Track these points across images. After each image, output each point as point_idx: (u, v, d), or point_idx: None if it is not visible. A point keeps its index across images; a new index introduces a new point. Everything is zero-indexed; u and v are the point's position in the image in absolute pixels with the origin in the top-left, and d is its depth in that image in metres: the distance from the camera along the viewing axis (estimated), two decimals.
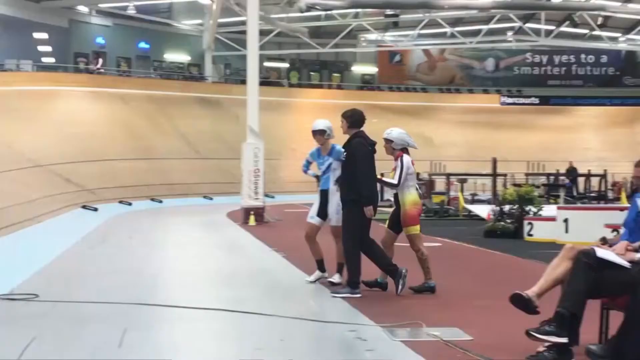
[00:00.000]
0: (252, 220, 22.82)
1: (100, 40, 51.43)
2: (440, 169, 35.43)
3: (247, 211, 23.30)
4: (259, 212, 23.33)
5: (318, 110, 49.25)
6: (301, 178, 40.04)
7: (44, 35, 50.05)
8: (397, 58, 57.19)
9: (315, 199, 10.99)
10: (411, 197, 10.17)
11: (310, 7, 44.54)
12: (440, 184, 32.07)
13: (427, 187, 30.37)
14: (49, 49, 51.85)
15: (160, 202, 32.28)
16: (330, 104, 50.00)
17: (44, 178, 28.14)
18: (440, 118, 52.34)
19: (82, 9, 50.26)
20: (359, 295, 9.56)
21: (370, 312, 8.47)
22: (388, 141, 10.33)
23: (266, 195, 25.39)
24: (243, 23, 36.59)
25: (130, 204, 29.57)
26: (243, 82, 34.32)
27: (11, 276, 10.75)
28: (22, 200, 22.71)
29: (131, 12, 47.39)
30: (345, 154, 9.94)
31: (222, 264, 13.53)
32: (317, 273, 10.83)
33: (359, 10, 50.20)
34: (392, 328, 7.60)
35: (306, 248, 10.70)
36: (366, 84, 58.58)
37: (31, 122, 33.52)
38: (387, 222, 10.49)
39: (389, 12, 47.65)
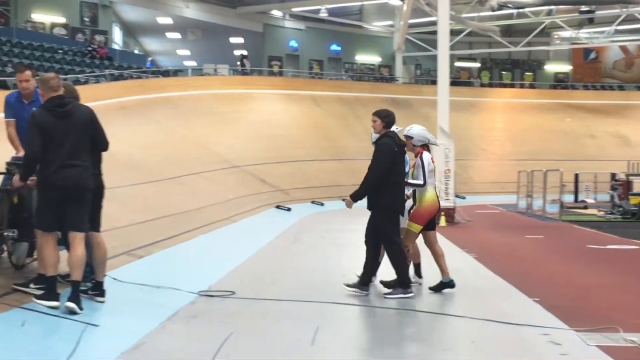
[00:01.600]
0: (442, 221, 22.70)
1: (293, 43, 52.58)
2: (638, 169, 34.14)
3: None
4: (449, 213, 23.19)
5: (509, 110, 48.62)
6: (492, 179, 39.28)
7: (239, 40, 51.68)
8: (593, 55, 55.59)
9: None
10: (429, 195, 10.17)
11: (502, 6, 43.99)
12: (638, 185, 30.89)
13: (624, 187, 29.33)
14: (244, 52, 53.54)
15: None
16: (522, 103, 49.21)
17: (240, 178, 28.95)
18: (638, 117, 50.32)
19: (276, 13, 51.53)
20: (411, 295, 9.59)
21: (564, 315, 8.27)
22: (408, 138, 10.34)
23: (457, 196, 25.22)
24: (433, 23, 36.53)
25: (322, 204, 29.97)
26: (433, 82, 34.24)
27: (209, 274, 11.11)
28: (219, 200, 23.46)
29: (323, 15, 48.12)
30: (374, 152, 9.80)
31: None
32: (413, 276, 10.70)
33: (552, 7, 49.08)
34: (587, 332, 7.41)
35: (499, 249, 10.55)
36: (559, 82, 57.19)
37: (227, 124, 34.59)
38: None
39: (583, 8, 46.38)
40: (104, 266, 8.47)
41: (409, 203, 10.40)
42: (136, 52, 51.83)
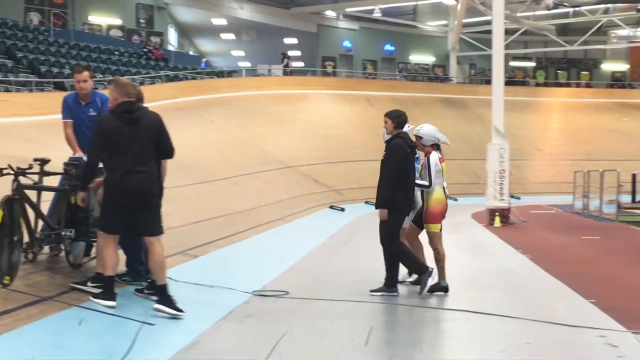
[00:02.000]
0: (497, 222, 22.55)
1: (347, 43, 52.61)
2: None
3: (492, 212, 23.05)
4: (504, 214, 23.01)
5: (565, 109, 48.11)
6: (548, 179, 38.80)
7: (293, 41, 51.86)
8: None
9: None
10: (436, 195, 10.15)
11: (557, 4, 43.54)
12: None
13: None
14: (298, 53, 53.67)
15: None
16: (578, 103, 48.67)
17: (294, 179, 29.02)
18: None
19: (330, 14, 51.61)
20: (396, 295, 9.58)
21: (622, 317, 8.17)
22: (418, 138, 10.29)
23: (511, 196, 25.01)
24: (488, 23, 36.29)
25: None
26: (488, 82, 34.02)
27: (263, 273, 11.17)
28: (273, 200, 23.56)
29: (377, 15, 48.10)
30: (384, 153, 9.84)
31: (466, 265, 13.47)
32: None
33: (609, 5, 48.45)
34: None
35: (554, 250, 10.44)
36: (616, 81, 56.46)
37: (281, 124, 34.71)
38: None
39: None
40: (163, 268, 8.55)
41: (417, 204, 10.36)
42: (191, 53, 52.31)
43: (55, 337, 6.72)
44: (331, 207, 27.14)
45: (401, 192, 9.68)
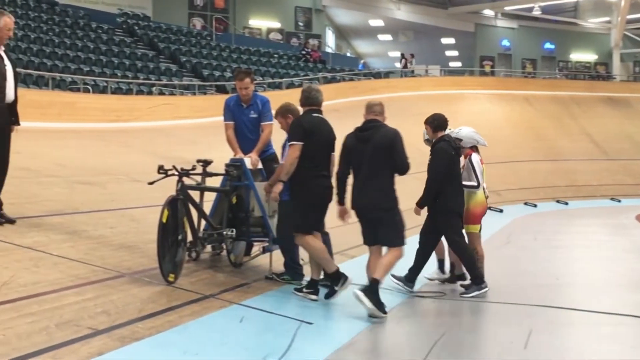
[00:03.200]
0: None
1: (505, 42, 51.95)
2: None
3: None
4: None
5: None
6: None
7: (450, 41, 51.59)
8: None
9: None
10: (476, 196, 10.08)
11: None
12: None
13: None
14: (455, 53, 53.30)
15: (566, 204, 31.69)
16: None
17: None
18: None
19: (488, 12, 51.07)
20: (486, 289, 9.36)
21: None
22: (457, 140, 10.08)
23: None
24: None
25: (535, 206, 29.38)
26: None
27: (421, 274, 11.15)
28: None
29: (536, 13, 47.27)
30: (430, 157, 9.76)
31: (629, 268, 13.10)
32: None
33: None
34: None
35: None
36: None
37: None
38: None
39: None
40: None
41: None
42: (348, 54, 52.71)
43: (217, 334, 6.89)
44: (489, 208, 26.82)
45: (451, 195, 9.68)
